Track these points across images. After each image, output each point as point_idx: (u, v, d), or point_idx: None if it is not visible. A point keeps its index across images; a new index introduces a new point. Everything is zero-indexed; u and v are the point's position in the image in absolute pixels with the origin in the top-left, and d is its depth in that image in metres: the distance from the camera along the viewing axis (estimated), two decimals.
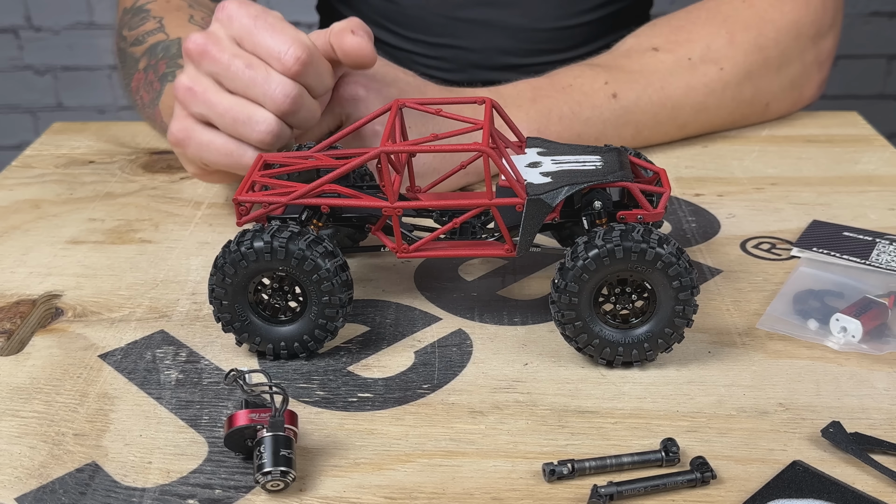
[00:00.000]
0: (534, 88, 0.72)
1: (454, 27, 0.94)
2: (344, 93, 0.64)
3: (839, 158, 0.77)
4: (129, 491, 0.42)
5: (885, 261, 0.59)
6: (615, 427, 0.46)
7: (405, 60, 0.96)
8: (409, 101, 0.54)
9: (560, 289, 0.48)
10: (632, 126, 0.75)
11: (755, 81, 0.78)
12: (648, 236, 0.47)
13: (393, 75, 0.67)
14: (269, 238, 0.48)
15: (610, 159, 0.53)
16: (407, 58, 0.96)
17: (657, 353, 0.50)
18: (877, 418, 0.46)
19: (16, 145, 2.02)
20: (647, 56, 0.76)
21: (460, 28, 0.94)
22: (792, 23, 0.78)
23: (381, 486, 0.43)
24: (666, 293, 0.48)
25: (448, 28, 0.94)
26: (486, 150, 0.48)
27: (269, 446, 0.41)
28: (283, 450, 0.41)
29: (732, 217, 0.67)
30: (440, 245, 0.52)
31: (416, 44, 0.96)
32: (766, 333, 0.53)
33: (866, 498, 0.41)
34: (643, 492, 0.41)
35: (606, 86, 0.73)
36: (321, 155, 0.54)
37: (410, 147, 0.50)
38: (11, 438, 0.46)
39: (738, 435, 0.45)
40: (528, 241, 0.50)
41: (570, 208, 0.53)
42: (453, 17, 0.94)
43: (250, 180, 0.52)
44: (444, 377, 0.50)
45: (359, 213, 0.54)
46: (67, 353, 0.53)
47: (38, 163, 0.79)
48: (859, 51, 1.92)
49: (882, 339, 0.52)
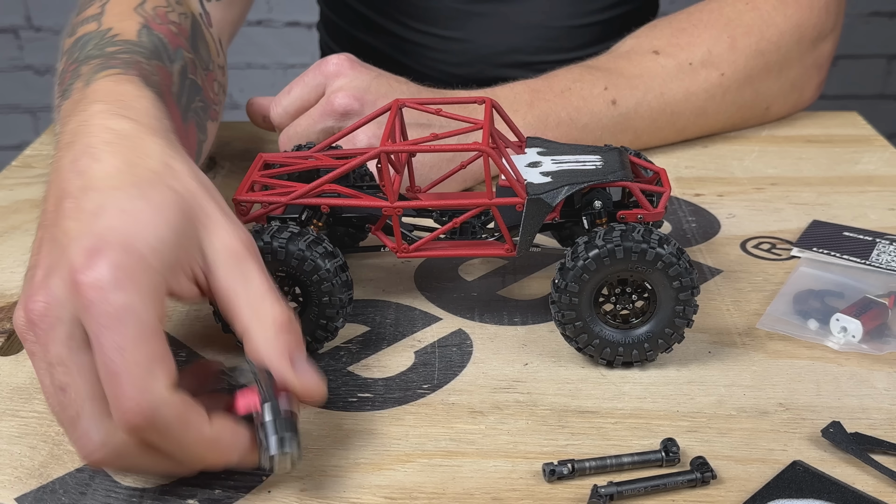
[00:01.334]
0: (531, 91, 0.71)
1: (465, 21, 0.94)
2: (337, 106, 0.64)
3: (839, 158, 0.77)
4: (129, 491, 0.42)
5: (885, 261, 0.59)
6: (615, 427, 0.46)
7: (414, 53, 0.96)
8: (408, 101, 0.54)
9: (560, 289, 0.48)
10: (630, 132, 0.74)
11: (755, 85, 0.78)
12: (649, 236, 0.47)
13: (386, 86, 0.66)
14: (268, 238, 0.48)
15: (610, 159, 0.53)
16: (415, 50, 0.96)
17: (657, 353, 0.50)
18: (877, 418, 0.46)
19: (16, 145, 2.02)
20: (648, 59, 0.75)
21: (471, 22, 0.94)
22: (795, 26, 0.78)
23: (381, 486, 0.43)
24: (666, 293, 0.48)
25: (459, 21, 0.94)
26: (486, 150, 0.48)
27: (270, 428, 0.40)
28: (285, 432, 0.40)
29: (732, 217, 0.67)
30: (440, 245, 0.52)
31: (425, 35, 0.95)
32: (767, 333, 0.53)
33: (866, 498, 0.41)
34: (643, 492, 0.41)
35: (606, 91, 0.73)
36: (321, 155, 0.54)
37: (410, 147, 0.50)
38: (11, 438, 0.46)
39: (738, 435, 0.45)
40: (529, 240, 0.50)
41: (571, 208, 0.53)
42: (465, 10, 0.93)
43: (250, 180, 0.52)
44: (444, 377, 0.50)
45: (359, 213, 0.54)
46: None
47: (38, 163, 0.79)
48: (859, 51, 1.92)
49: (882, 339, 0.52)
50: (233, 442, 0.40)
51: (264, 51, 1.93)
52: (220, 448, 0.39)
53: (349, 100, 0.64)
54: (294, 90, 0.68)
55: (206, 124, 0.60)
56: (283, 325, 0.41)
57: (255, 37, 1.89)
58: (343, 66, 0.67)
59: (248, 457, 0.41)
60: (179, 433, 0.38)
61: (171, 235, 0.40)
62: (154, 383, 0.37)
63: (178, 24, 0.61)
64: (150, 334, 0.38)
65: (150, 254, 0.39)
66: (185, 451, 0.39)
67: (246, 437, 0.40)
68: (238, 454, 0.40)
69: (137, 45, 0.55)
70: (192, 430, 0.38)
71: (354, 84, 0.65)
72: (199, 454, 0.39)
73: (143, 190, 0.40)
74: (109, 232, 0.38)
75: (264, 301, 0.42)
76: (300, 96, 0.68)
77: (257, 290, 0.42)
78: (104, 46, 0.53)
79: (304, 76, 0.68)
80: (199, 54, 0.62)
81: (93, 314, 0.37)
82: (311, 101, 0.67)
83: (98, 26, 0.57)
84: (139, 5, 0.59)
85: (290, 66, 1.94)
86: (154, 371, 0.37)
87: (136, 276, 0.38)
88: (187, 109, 0.56)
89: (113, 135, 0.43)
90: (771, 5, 0.78)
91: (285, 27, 1.90)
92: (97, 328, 0.37)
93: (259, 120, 0.72)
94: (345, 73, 0.66)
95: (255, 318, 0.41)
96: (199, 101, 0.59)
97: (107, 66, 0.50)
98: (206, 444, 0.39)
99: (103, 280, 0.37)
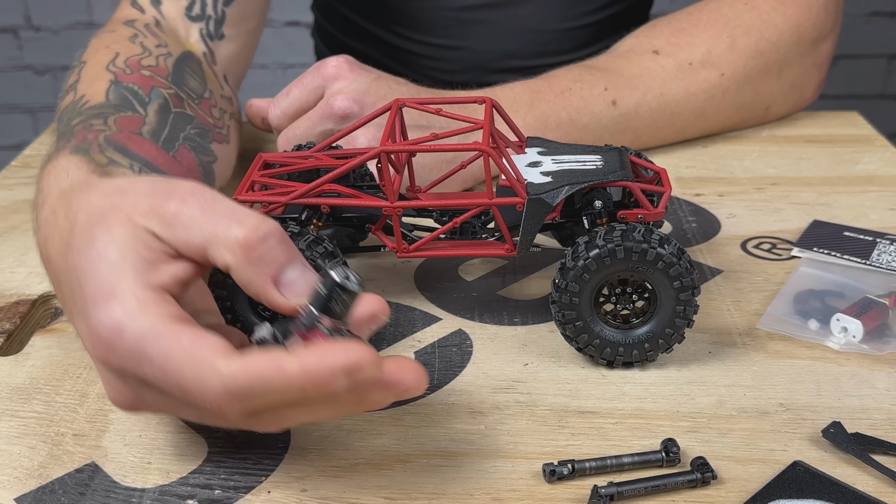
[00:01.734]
0: (531, 92, 0.71)
1: (459, 28, 0.94)
2: (337, 109, 0.64)
3: (839, 158, 0.77)
4: (128, 491, 0.42)
5: (885, 261, 0.59)
6: (615, 427, 0.46)
7: (408, 61, 0.96)
8: (408, 101, 0.54)
9: (561, 289, 0.48)
10: (630, 133, 0.74)
11: (755, 86, 0.78)
12: (650, 236, 0.47)
13: (386, 88, 0.66)
14: None
15: (610, 159, 0.53)
16: (410, 59, 0.96)
17: (658, 353, 0.50)
18: (877, 418, 0.46)
19: (15, 145, 2.02)
20: (648, 59, 0.75)
21: (466, 29, 0.94)
22: (794, 27, 0.78)
23: (381, 486, 0.42)
24: (667, 293, 0.48)
25: (453, 29, 0.94)
26: (486, 150, 0.48)
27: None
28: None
29: (733, 217, 0.67)
30: (440, 245, 0.52)
31: (420, 45, 0.96)
32: (767, 333, 0.53)
33: (867, 498, 0.41)
34: (643, 492, 0.41)
35: (606, 92, 0.73)
36: (321, 155, 0.54)
37: (410, 147, 0.50)
38: (11, 439, 0.46)
39: (738, 435, 0.45)
40: (529, 240, 0.50)
41: (571, 208, 0.53)
42: (459, 18, 0.93)
43: (250, 180, 0.52)
44: (444, 377, 0.50)
45: (359, 213, 0.54)
46: (67, 353, 0.53)
47: (37, 163, 0.78)
48: (859, 51, 1.92)
49: (882, 339, 0.52)
50: (323, 360, 0.36)
51: (264, 50, 1.92)
52: (316, 377, 0.36)
53: (349, 102, 0.64)
54: (293, 92, 0.68)
55: (210, 146, 0.62)
56: (248, 244, 0.39)
57: None
58: (342, 69, 0.67)
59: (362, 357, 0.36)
60: (266, 391, 0.36)
61: (109, 254, 0.39)
62: (207, 371, 0.36)
63: (153, 68, 0.63)
64: (169, 338, 0.37)
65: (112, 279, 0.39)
66: (289, 396, 0.36)
67: (337, 347, 0.36)
68: (344, 363, 0.36)
69: (102, 107, 0.57)
70: (275, 380, 0.36)
71: (354, 87, 0.65)
72: (301, 392, 0.36)
73: (76, 250, 0.41)
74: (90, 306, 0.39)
75: (217, 228, 0.40)
76: (299, 98, 0.67)
77: (210, 221, 0.40)
78: (71, 120, 0.56)
79: (302, 78, 0.68)
80: (186, 86, 0.64)
81: (119, 363, 0.38)
82: (309, 103, 0.67)
83: (74, 96, 0.60)
84: (111, 62, 0.62)
85: (289, 66, 1.94)
86: (201, 360, 0.37)
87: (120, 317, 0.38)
88: (173, 139, 0.58)
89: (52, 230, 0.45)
90: (770, 6, 0.78)
91: (285, 27, 1.90)
92: (132, 370, 0.38)
93: (258, 122, 0.72)
94: (344, 76, 0.66)
95: (219, 248, 0.39)
96: (194, 129, 0.61)
97: (56, 149, 0.52)
98: (301, 379, 0.36)
99: (105, 338, 0.38)
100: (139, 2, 0.71)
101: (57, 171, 0.48)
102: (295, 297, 0.40)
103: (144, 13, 0.70)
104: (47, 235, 0.45)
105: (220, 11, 0.72)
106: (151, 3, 0.70)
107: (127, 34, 0.66)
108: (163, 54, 0.65)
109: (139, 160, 0.53)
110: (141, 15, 0.70)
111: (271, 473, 0.43)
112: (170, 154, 0.56)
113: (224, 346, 0.37)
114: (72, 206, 0.43)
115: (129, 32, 0.66)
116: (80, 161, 0.48)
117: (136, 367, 0.38)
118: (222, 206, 0.40)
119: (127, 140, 0.54)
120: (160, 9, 0.70)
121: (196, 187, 0.41)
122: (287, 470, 0.44)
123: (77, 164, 0.48)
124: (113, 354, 0.38)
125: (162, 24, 0.70)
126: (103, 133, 0.54)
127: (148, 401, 0.40)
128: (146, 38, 0.66)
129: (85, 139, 0.53)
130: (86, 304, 0.39)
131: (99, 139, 0.53)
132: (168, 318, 0.38)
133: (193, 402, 0.37)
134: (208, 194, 0.41)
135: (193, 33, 0.70)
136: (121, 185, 0.43)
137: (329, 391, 0.36)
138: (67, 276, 0.41)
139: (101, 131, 0.54)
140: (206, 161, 0.60)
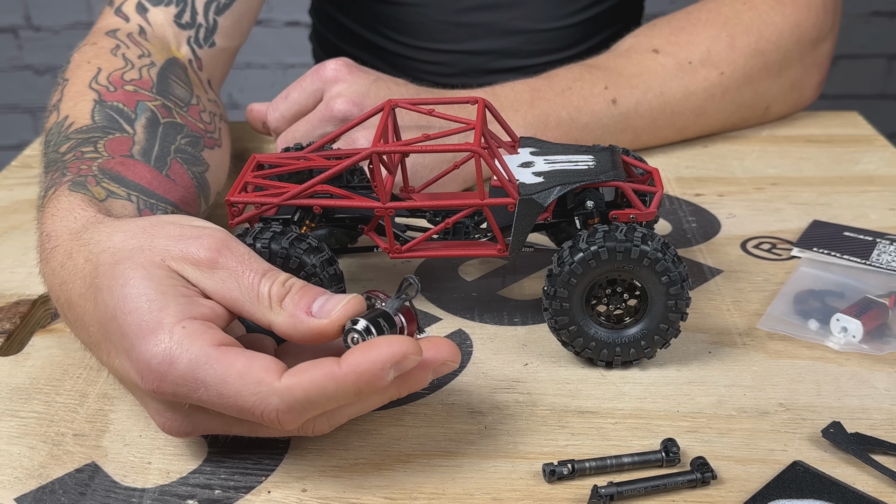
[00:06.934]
0: (532, 91, 0.71)
1: (455, 32, 0.94)
2: (336, 112, 0.64)
3: (839, 158, 0.77)
4: (128, 491, 0.42)
5: (885, 261, 0.59)
6: (615, 427, 0.46)
7: (405, 66, 0.96)
8: (401, 102, 0.54)
9: (550, 295, 0.48)
10: (630, 131, 0.74)
11: (755, 85, 0.78)
12: (632, 234, 0.47)
13: (385, 89, 0.66)
14: (251, 241, 0.48)
15: (602, 159, 0.53)
16: (406, 64, 0.96)
17: (655, 350, 0.50)
18: (877, 418, 0.46)
19: (15, 145, 2.02)
20: (647, 58, 0.75)
21: (461, 33, 0.94)
22: (793, 26, 0.78)
23: (381, 486, 0.42)
24: (657, 289, 0.48)
25: (448, 33, 0.94)
26: (477, 151, 0.48)
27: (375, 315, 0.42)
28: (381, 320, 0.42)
29: (733, 217, 0.67)
30: (433, 245, 0.52)
31: (416, 50, 0.96)
32: (767, 333, 0.53)
33: (867, 498, 0.41)
34: (643, 492, 0.41)
35: (606, 91, 0.73)
36: (314, 155, 0.54)
37: (402, 147, 0.50)
38: (11, 439, 0.46)
39: (738, 435, 0.45)
40: (521, 240, 0.50)
41: (563, 208, 0.53)
42: (454, 22, 0.93)
43: (243, 181, 0.52)
44: (443, 377, 0.50)
45: (351, 214, 0.54)
46: (67, 353, 0.53)
47: (37, 163, 0.79)
48: (859, 51, 1.92)
49: (882, 340, 0.52)
50: (370, 358, 0.38)
51: (264, 50, 1.93)
52: (368, 375, 0.38)
53: (349, 105, 0.64)
54: (292, 95, 0.68)
55: (201, 154, 0.61)
56: (279, 296, 0.42)
57: (254, 36, 1.89)
58: (341, 72, 0.67)
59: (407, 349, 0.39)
60: (323, 398, 0.39)
61: (149, 293, 0.41)
62: (264, 389, 0.38)
63: (136, 81, 0.62)
64: (221, 363, 0.39)
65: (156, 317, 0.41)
66: (344, 398, 0.39)
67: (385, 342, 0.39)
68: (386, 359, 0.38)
69: (89, 130, 0.57)
70: (330, 386, 0.38)
71: (353, 89, 0.65)
72: (355, 392, 0.39)
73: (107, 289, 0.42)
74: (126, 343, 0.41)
75: (252, 288, 0.42)
76: (298, 101, 0.67)
77: (245, 281, 0.42)
78: (60, 145, 0.56)
79: (301, 81, 0.68)
80: (173, 95, 0.63)
81: (172, 391, 0.40)
82: (308, 106, 0.67)
83: (57, 116, 0.59)
84: (94, 79, 0.61)
85: (289, 66, 1.94)
86: (257, 380, 0.39)
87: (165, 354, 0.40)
88: (164, 154, 0.58)
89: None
90: (768, 5, 0.78)
91: (285, 27, 1.90)
92: (186, 396, 0.40)
93: (259, 126, 0.72)
94: (343, 79, 0.66)
95: (258, 307, 0.42)
96: (185, 137, 0.60)
97: (52, 183, 0.52)
98: (354, 380, 0.38)
99: (156, 369, 0.40)
100: (123, 10, 0.69)
101: (62, 213, 0.49)
102: (325, 315, 0.42)
103: (129, 21, 0.69)
104: (65, 279, 0.46)
105: (211, 20, 0.71)
106: (137, 10, 0.69)
107: (108, 46, 0.65)
108: (146, 65, 0.64)
109: (135, 187, 0.53)
110: (124, 24, 0.68)
111: (271, 473, 0.43)
112: (163, 173, 0.56)
113: (275, 364, 0.39)
114: (91, 249, 0.45)
115: (110, 44, 0.65)
116: (83, 200, 0.49)
117: (189, 394, 0.40)
118: (255, 264, 0.43)
119: (120, 167, 0.54)
120: (146, 16, 0.69)
121: (223, 238, 0.44)
122: (287, 470, 0.44)
123: (80, 204, 0.49)
124: (165, 384, 0.40)
125: (147, 32, 0.68)
126: (96, 161, 0.54)
127: (199, 423, 0.42)
128: (128, 49, 0.65)
129: (79, 171, 0.53)
130: (129, 339, 0.41)
131: (93, 169, 0.53)
132: (217, 343, 0.40)
133: (251, 419, 0.40)
134: (236, 248, 0.44)
135: (182, 41, 0.70)
136: (145, 226, 0.45)
137: (380, 385, 0.38)
138: (98, 316, 0.43)
139: (93, 160, 0.54)
140: (198, 172, 0.59)
